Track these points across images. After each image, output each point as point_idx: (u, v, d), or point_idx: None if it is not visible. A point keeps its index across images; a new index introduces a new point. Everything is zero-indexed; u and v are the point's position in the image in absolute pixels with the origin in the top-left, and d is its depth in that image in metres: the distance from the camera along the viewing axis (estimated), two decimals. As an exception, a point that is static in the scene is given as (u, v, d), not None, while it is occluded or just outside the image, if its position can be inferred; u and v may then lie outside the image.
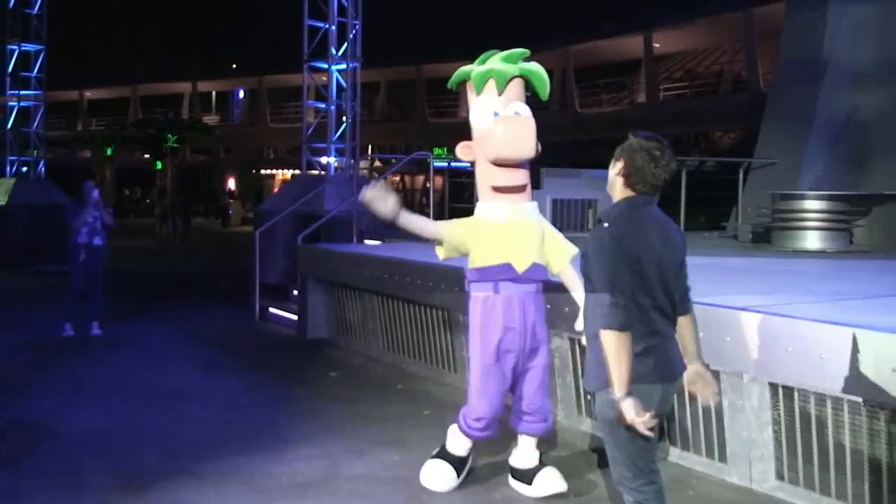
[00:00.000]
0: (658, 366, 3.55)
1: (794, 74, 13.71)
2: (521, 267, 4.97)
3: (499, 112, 5.08)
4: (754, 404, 5.10)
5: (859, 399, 4.49)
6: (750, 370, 4.95)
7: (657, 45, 40.07)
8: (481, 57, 5.25)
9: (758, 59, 34.87)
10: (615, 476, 3.70)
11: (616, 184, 3.65)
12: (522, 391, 5.13)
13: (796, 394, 4.88)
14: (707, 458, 5.46)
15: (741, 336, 4.94)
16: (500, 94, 5.08)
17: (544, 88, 5.24)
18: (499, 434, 5.29)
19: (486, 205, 5.11)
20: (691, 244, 3.85)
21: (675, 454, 5.68)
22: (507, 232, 5.02)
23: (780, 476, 5.04)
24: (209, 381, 8.09)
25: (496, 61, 5.16)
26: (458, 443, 5.26)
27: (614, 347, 3.41)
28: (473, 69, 5.20)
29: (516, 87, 5.15)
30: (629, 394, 3.37)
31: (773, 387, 4.99)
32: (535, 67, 5.19)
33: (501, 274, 4.97)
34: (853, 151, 13.08)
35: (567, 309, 5.76)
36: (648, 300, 3.51)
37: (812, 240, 10.30)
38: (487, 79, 5.12)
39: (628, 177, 3.58)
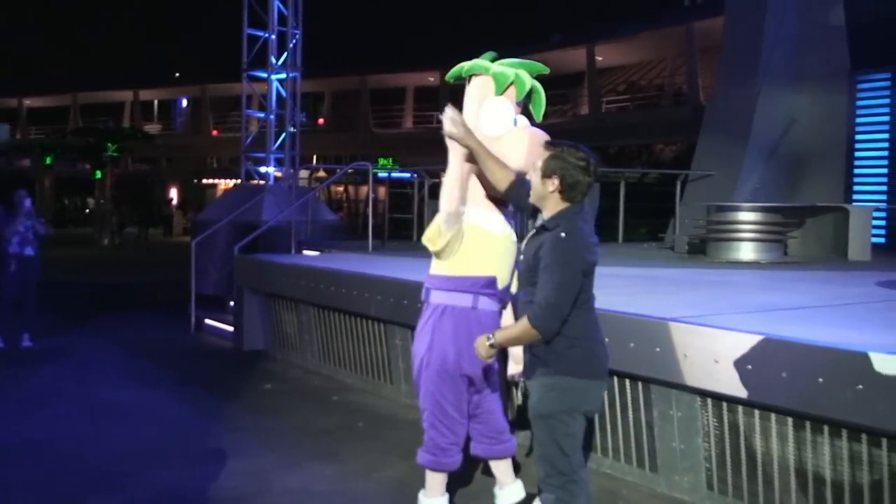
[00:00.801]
0: (590, 363, 3.74)
1: (732, 88, 13.90)
2: (501, 284, 4.57)
3: (517, 121, 4.84)
4: (684, 414, 5.13)
5: (785, 409, 4.53)
6: (679, 380, 4.97)
7: (600, 58, 40.44)
8: (488, 56, 4.97)
9: (699, 72, 35.34)
10: (542, 473, 3.76)
11: (551, 199, 3.76)
12: (484, 414, 4.73)
13: (724, 404, 4.91)
14: (638, 469, 5.47)
15: (670, 346, 4.96)
16: (517, 103, 4.86)
17: (541, 111, 5.04)
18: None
19: (481, 213, 4.63)
20: (629, 255, 3.97)
21: (605, 464, 5.70)
22: (499, 245, 4.60)
23: (710, 486, 5.07)
24: (141, 394, 7.95)
25: (514, 67, 4.90)
26: (434, 485, 4.74)
27: (526, 338, 3.69)
28: (493, 66, 4.86)
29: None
30: (495, 346, 3.73)
31: (702, 397, 5.02)
32: (540, 88, 5.01)
33: (484, 287, 4.50)
34: (789, 164, 13.30)
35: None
36: (588, 303, 3.76)
37: (746, 251, 10.41)
38: (511, 83, 4.84)
39: (564, 191, 3.72)
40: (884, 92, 13.41)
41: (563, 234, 3.64)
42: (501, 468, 4.87)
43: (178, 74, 56.06)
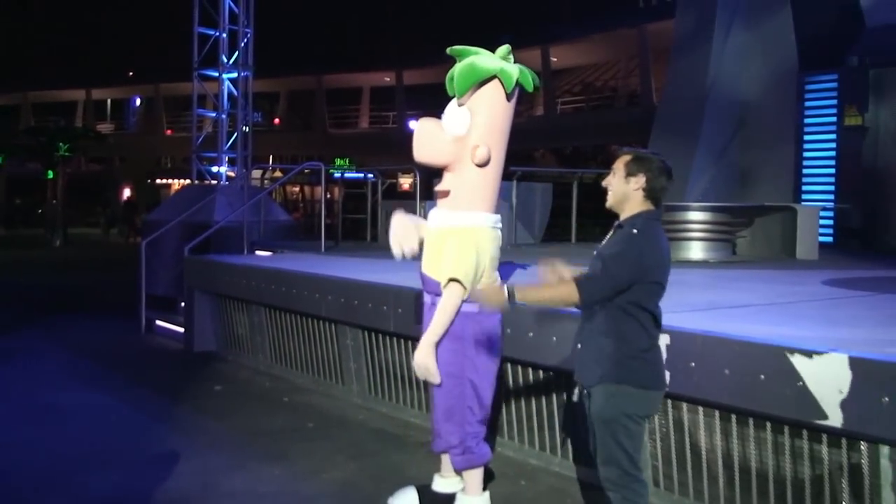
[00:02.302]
0: (651, 374, 3.80)
1: (682, 90, 14.05)
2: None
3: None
4: (630, 412, 5.15)
5: (728, 406, 4.58)
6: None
7: (555, 59, 40.68)
8: (502, 50, 4.91)
9: (651, 74, 35.67)
10: (607, 475, 3.79)
11: (634, 197, 3.82)
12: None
13: (669, 401, 4.95)
14: (585, 467, 5.49)
15: (616, 345, 4.98)
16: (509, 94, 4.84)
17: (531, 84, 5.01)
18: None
19: (490, 217, 4.79)
20: (583, 254, 3.99)
21: (554, 462, 5.74)
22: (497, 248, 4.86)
23: (656, 483, 5.11)
24: (88, 396, 7.85)
25: (501, 60, 4.84)
26: (477, 482, 4.84)
27: (559, 296, 3.74)
28: (505, 66, 4.80)
29: None
30: (513, 298, 3.66)
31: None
32: (522, 69, 4.99)
33: None
34: (737, 165, 13.47)
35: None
36: (654, 311, 3.80)
37: (696, 250, 10.51)
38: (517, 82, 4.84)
39: (649, 191, 3.79)
40: (831, 93, 13.61)
41: (634, 231, 3.71)
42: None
43: (131, 73, 55.49)
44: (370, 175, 15.08)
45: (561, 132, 39.19)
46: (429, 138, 4.86)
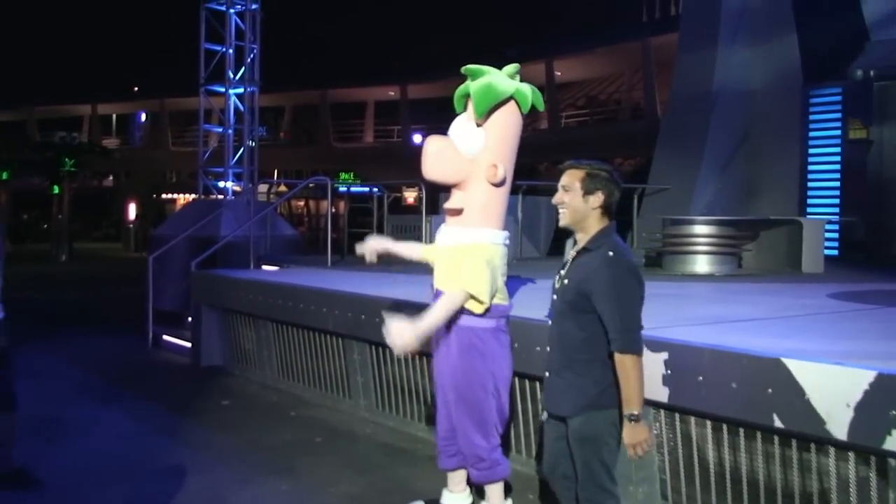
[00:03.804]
0: None
1: (687, 104, 14.10)
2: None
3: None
4: (638, 426, 5.16)
5: (736, 419, 4.59)
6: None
7: (559, 73, 40.78)
8: (510, 69, 4.99)
9: (655, 87, 35.73)
10: (589, 496, 3.79)
11: (590, 216, 3.78)
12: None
13: (677, 415, 4.96)
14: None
15: (624, 359, 5.00)
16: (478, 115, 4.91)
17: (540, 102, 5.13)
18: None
19: (499, 233, 4.89)
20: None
21: (563, 477, 5.73)
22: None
23: (664, 497, 5.12)
24: (97, 410, 7.88)
25: (510, 79, 4.93)
26: (500, 494, 4.92)
27: (634, 371, 3.62)
28: (520, 87, 4.91)
29: None
30: (641, 416, 3.63)
31: (656, 408, 5.07)
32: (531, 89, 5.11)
33: (506, 312, 4.89)
34: (742, 178, 13.50)
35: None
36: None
37: (701, 264, 10.54)
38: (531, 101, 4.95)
39: (605, 207, 3.77)
40: (835, 106, 13.65)
41: (610, 253, 3.66)
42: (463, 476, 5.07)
43: (136, 88, 55.70)
44: (375, 189, 15.13)
45: (565, 146, 39.09)
46: (442, 157, 4.90)
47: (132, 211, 52.97)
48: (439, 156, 4.90)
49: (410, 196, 36.33)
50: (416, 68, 44.88)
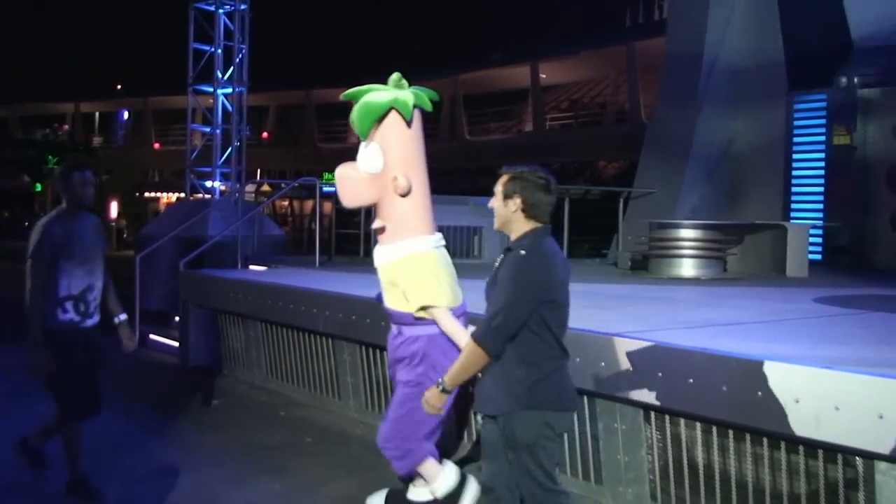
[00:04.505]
0: (561, 395, 3.76)
1: (672, 108, 14.19)
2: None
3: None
4: (628, 427, 5.24)
5: (725, 421, 4.66)
6: (623, 394, 5.08)
7: (544, 76, 40.88)
8: (394, 79, 4.98)
9: (640, 91, 35.89)
10: (531, 498, 3.79)
11: (514, 220, 3.80)
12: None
13: (667, 417, 5.03)
14: (583, 481, 5.57)
15: (614, 361, 5.07)
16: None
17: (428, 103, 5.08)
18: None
19: (430, 238, 4.91)
20: (573, 271, 4.00)
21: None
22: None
23: (653, 497, 5.18)
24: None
25: (394, 90, 4.92)
26: (433, 469, 4.94)
27: (474, 361, 3.71)
28: (398, 95, 4.86)
29: None
30: (449, 392, 3.84)
31: (646, 410, 5.13)
32: (417, 92, 5.06)
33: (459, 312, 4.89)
34: (728, 183, 13.60)
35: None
36: (552, 332, 3.71)
37: (687, 267, 10.61)
38: (414, 105, 4.94)
39: (527, 211, 3.76)
40: (820, 112, 13.76)
41: (522, 252, 3.67)
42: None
43: (119, 87, 55.48)
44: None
45: (549, 148, 39.30)
46: (349, 183, 4.94)
47: (114, 209, 52.77)
48: (346, 182, 4.94)
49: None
50: (400, 70, 44.81)
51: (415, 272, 4.73)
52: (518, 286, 3.61)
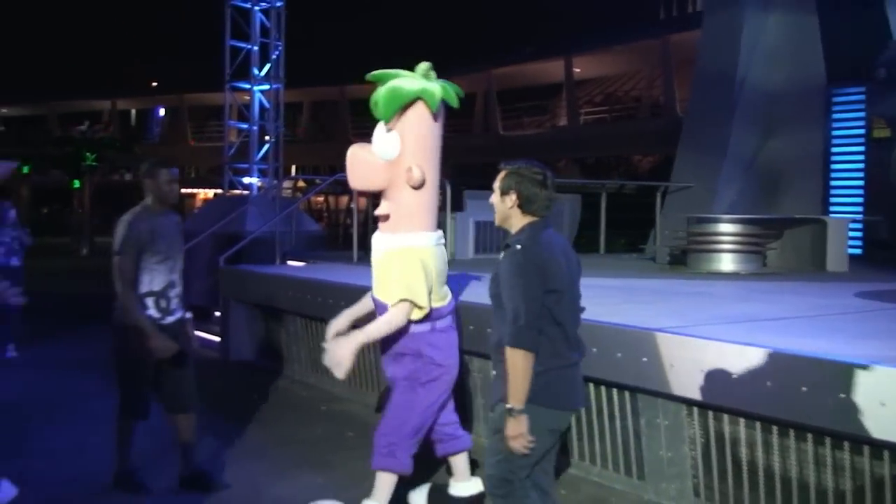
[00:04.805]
0: (556, 392, 3.71)
1: (709, 101, 14.07)
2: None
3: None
4: (670, 423, 5.24)
5: (770, 417, 4.65)
6: (666, 390, 5.08)
7: (578, 70, 40.75)
8: (422, 67, 4.95)
9: (675, 85, 35.67)
10: (489, 486, 3.82)
11: (512, 216, 3.81)
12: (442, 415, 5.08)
13: (710, 413, 5.03)
14: (625, 476, 5.58)
15: (657, 356, 5.07)
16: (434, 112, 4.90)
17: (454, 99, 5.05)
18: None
19: (431, 235, 4.91)
20: (611, 266, 4.04)
21: (594, 472, 5.80)
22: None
23: (696, 493, 5.18)
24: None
25: (423, 78, 4.91)
26: (386, 489, 4.95)
27: (521, 366, 3.58)
28: (427, 86, 4.84)
29: None
30: (523, 411, 3.56)
31: (689, 406, 5.13)
32: (444, 85, 5.04)
33: (443, 313, 4.93)
34: (766, 176, 13.49)
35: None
36: (559, 325, 3.69)
37: (726, 262, 10.57)
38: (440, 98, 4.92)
39: (523, 206, 3.76)
40: (859, 105, 13.62)
41: (518, 247, 3.67)
42: (459, 463, 5.18)
43: (155, 84, 55.95)
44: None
45: (584, 143, 39.21)
46: (361, 165, 4.92)
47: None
48: (359, 164, 4.92)
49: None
50: (433, 65, 44.83)
51: (405, 265, 4.70)
52: (522, 279, 3.61)
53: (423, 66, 4.93)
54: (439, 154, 5.01)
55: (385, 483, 4.89)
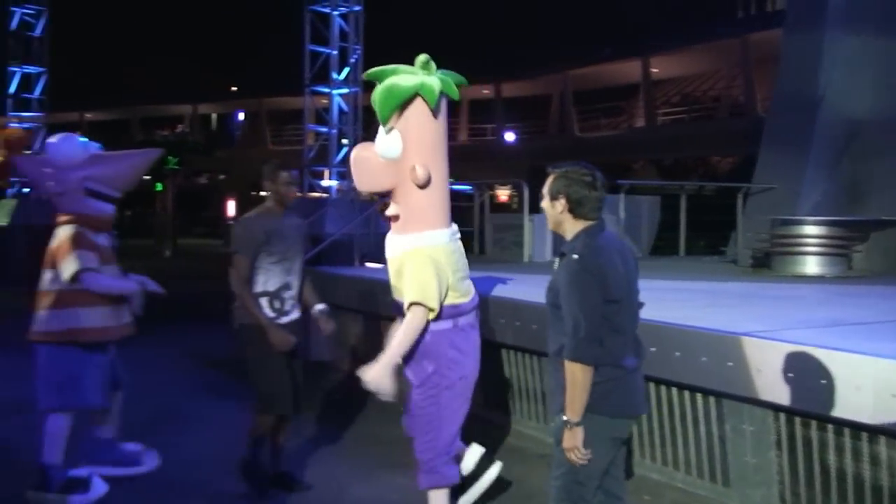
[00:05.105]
0: (613, 400, 3.65)
1: (791, 101, 13.82)
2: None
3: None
4: (756, 428, 5.16)
5: (859, 423, 4.55)
6: (752, 395, 5.01)
7: (655, 70, 40.33)
8: (421, 60, 4.81)
9: (755, 84, 35.08)
10: (554, 495, 3.76)
11: (564, 221, 3.73)
12: None
13: (798, 418, 4.94)
14: (710, 483, 5.52)
15: (742, 361, 5.01)
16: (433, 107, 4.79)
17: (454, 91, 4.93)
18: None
19: (443, 232, 4.82)
20: (692, 269, 3.99)
21: (677, 478, 5.74)
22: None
23: (782, 500, 5.10)
24: (210, 403, 8.15)
25: (421, 74, 4.77)
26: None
27: (580, 379, 3.53)
28: (425, 81, 4.71)
29: None
30: (579, 423, 3.54)
31: (775, 411, 5.05)
32: (443, 78, 4.90)
33: (465, 310, 4.88)
34: (851, 177, 13.18)
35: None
36: (619, 333, 3.62)
37: (811, 265, 10.38)
38: (441, 92, 4.81)
39: (574, 210, 3.68)
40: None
41: (574, 257, 3.59)
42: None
43: (234, 88, 56.88)
44: (474, 187, 15.25)
45: (661, 144, 38.77)
46: (365, 167, 4.80)
47: (231, 208, 54.14)
48: (363, 166, 4.80)
49: (503, 194, 36.35)
50: (510, 66, 44.87)
51: (417, 267, 4.62)
52: (580, 291, 3.53)
53: (422, 58, 4.78)
54: (445, 148, 4.88)
55: (438, 500, 4.84)
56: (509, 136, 45.62)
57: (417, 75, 4.71)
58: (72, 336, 5.45)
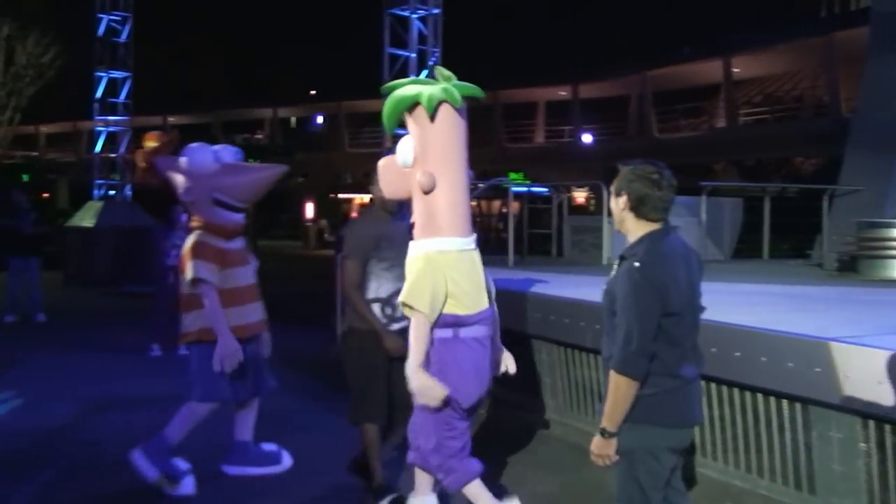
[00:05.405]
0: (670, 411, 3.57)
1: (878, 102, 13.48)
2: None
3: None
4: (844, 436, 5.04)
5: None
6: (839, 401, 4.89)
7: (736, 70, 39.69)
8: (395, 84, 4.71)
9: (839, 84, 34.32)
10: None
11: (626, 219, 3.63)
12: None
13: (887, 426, 4.81)
14: (795, 490, 5.40)
15: (831, 366, 4.89)
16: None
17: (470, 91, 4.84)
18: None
19: (451, 241, 4.64)
20: (776, 272, 3.90)
21: (762, 485, 5.64)
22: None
23: (871, 510, 4.98)
24: (296, 404, 8.23)
25: (428, 84, 4.70)
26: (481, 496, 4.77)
27: (623, 392, 3.47)
28: (423, 90, 4.61)
29: None
30: (614, 434, 3.51)
31: (864, 418, 4.92)
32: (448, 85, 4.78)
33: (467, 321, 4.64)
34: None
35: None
36: (674, 343, 3.52)
37: (900, 269, 10.12)
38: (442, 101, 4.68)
39: (636, 208, 3.57)
40: None
41: (636, 265, 3.48)
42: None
43: (313, 92, 57.60)
44: (551, 189, 15.22)
45: (743, 144, 38.16)
46: (386, 174, 4.82)
47: (310, 210, 54.85)
48: (383, 173, 4.83)
49: (580, 196, 36.15)
50: (587, 67, 44.62)
51: (417, 272, 4.53)
52: (638, 301, 3.43)
53: (442, 72, 4.75)
54: (455, 155, 4.75)
55: (475, 494, 4.75)
56: (586, 138, 45.36)
57: (419, 85, 4.69)
58: (208, 335, 5.65)
